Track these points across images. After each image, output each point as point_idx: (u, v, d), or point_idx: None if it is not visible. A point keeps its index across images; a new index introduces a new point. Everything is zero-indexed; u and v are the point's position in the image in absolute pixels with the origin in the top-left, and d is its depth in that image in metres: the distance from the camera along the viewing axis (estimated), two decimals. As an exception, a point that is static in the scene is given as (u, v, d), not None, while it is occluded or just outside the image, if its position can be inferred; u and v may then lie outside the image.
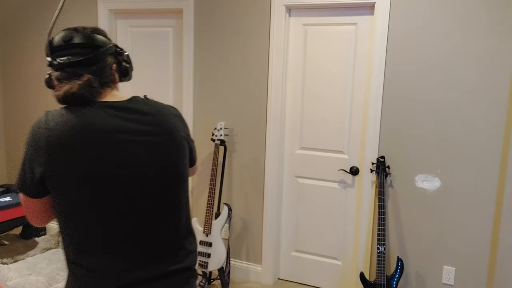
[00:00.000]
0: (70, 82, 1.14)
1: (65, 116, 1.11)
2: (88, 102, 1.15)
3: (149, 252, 1.17)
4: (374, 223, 2.95)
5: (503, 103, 2.56)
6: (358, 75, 2.94)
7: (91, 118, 1.11)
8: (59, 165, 1.08)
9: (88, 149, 1.09)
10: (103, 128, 1.11)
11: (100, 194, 1.10)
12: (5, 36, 4.01)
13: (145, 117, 1.18)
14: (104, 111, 1.14)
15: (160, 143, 1.18)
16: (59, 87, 1.16)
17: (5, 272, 3.01)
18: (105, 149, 1.10)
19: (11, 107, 4.09)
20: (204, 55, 3.28)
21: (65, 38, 1.16)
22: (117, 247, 1.13)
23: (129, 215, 1.13)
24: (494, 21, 2.53)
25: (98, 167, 1.09)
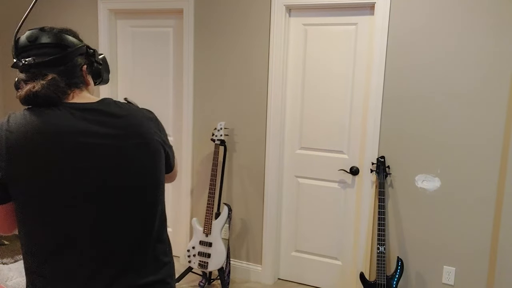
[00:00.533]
0: (33, 82, 1.08)
1: (28, 117, 1.05)
2: (53, 103, 1.08)
3: (117, 262, 1.09)
4: (374, 223, 2.95)
5: (503, 103, 2.56)
6: (358, 75, 2.94)
7: (55, 119, 1.05)
8: (19, 168, 1.02)
9: (49, 152, 1.03)
10: (66, 130, 1.05)
11: (61, 199, 1.04)
12: (5, 35, 4.01)
13: (114, 119, 1.10)
14: (70, 113, 1.07)
15: (130, 147, 1.10)
16: (21, 88, 1.10)
17: (5, 272, 3.01)
18: (68, 152, 1.04)
19: (13, 107, 4.09)
20: (204, 55, 3.28)
21: (30, 38, 1.11)
22: (81, 256, 1.06)
23: (93, 222, 1.06)
24: (494, 21, 2.53)
25: (60, 171, 1.03)
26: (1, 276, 2.96)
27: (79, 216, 1.06)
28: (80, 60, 1.17)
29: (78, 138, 1.05)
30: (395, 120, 2.81)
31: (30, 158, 1.02)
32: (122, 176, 1.09)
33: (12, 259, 3.25)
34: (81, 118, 1.07)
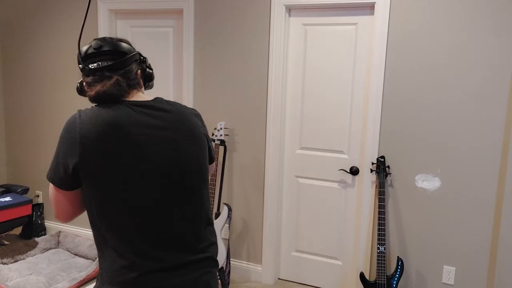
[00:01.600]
0: (101, 83, 1.28)
1: (97, 112, 1.22)
2: (117, 100, 1.28)
3: (176, 242, 1.25)
4: (374, 223, 2.95)
5: (503, 103, 2.56)
6: (358, 75, 2.95)
7: (120, 114, 1.23)
8: (92, 156, 1.18)
9: (118, 142, 1.19)
10: (130, 122, 1.23)
11: (130, 184, 1.20)
12: (9, 35, 4.01)
13: (168, 114, 1.30)
14: (131, 108, 1.26)
15: (182, 138, 1.30)
16: (89, 89, 1.30)
17: (5, 272, 3.01)
18: (133, 142, 1.21)
19: (13, 107, 4.09)
20: (204, 55, 3.28)
21: (95, 46, 1.30)
22: (146, 236, 1.21)
23: (155, 206, 1.22)
24: (494, 21, 2.53)
25: (128, 158, 1.20)
26: (1, 276, 2.96)
27: (145, 199, 1.22)
28: (135, 66, 1.36)
29: (139, 129, 1.23)
30: (395, 120, 2.81)
31: (101, 146, 1.18)
32: (179, 164, 1.27)
33: (12, 259, 3.25)
34: (140, 113, 1.26)
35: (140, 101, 1.31)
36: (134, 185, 1.20)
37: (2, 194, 3.71)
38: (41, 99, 3.94)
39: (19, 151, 4.13)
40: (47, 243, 3.54)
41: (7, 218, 3.50)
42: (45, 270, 3.13)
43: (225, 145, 3.18)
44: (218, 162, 3.19)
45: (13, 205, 3.53)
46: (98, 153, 1.18)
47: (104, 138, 1.19)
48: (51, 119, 3.91)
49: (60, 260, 3.33)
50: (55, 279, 3.00)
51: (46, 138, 3.97)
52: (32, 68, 3.94)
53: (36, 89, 3.94)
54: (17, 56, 3.99)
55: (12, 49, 4.00)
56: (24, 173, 4.12)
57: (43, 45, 3.85)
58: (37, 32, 3.86)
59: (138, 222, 1.21)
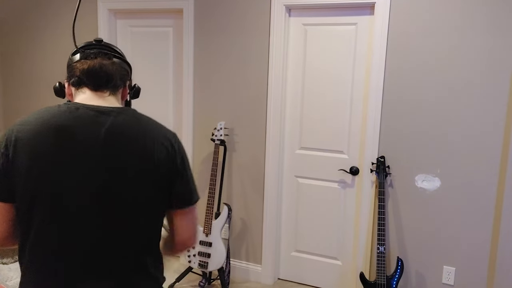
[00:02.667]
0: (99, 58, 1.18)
1: (38, 113, 1.14)
2: (108, 83, 1.18)
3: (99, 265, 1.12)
4: (374, 223, 2.95)
5: (503, 103, 2.56)
6: (358, 75, 2.94)
7: (65, 117, 1.11)
8: (21, 160, 1.07)
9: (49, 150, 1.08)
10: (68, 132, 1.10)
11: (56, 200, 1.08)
12: (6, 35, 4.01)
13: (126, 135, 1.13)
14: (85, 113, 1.13)
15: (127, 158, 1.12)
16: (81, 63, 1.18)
17: (5, 272, 3.01)
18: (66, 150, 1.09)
19: (12, 108, 4.09)
20: (204, 55, 3.28)
21: (95, 39, 1.24)
22: (68, 254, 1.10)
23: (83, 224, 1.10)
24: (494, 21, 2.53)
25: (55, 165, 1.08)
26: (1, 276, 2.96)
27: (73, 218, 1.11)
28: (126, 75, 1.26)
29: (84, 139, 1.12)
30: (395, 120, 2.81)
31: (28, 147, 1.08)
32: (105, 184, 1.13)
33: (12, 259, 3.25)
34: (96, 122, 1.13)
35: (103, 107, 1.15)
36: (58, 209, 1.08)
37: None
38: (40, 99, 3.93)
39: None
40: (47, 243, 3.54)
41: (7, 218, 3.49)
42: (45, 270, 3.13)
43: (225, 145, 3.17)
44: (218, 162, 3.19)
45: (13, 205, 3.53)
46: (27, 158, 1.07)
47: (36, 142, 1.08)
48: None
49: (60, 260, 3.33)
50: (55, 279, 3.00)
51: (46, 138, 3.96)
52: (31, 69, 3.93)
53: (35, 89, 3.94)
54: (15, 57, 3.99)
55: (10, 50, 4.00)
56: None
57: (42, 46, 3.85)
58: (35, 33, 3.86)
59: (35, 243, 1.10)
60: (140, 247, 1.17)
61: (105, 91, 1.19)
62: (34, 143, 1.08)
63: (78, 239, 1.10)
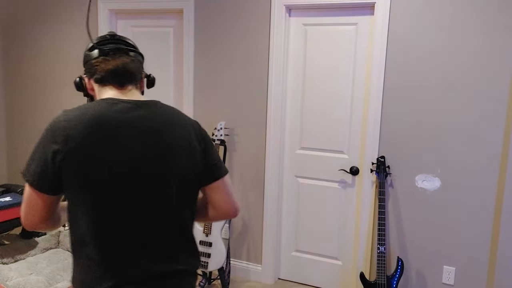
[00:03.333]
0: (121, 57, 1.25)
1: (82, 108, 1.16)
2: (132, 80, 1.26)
3: (154, 249, 1.18)
4: (374, 223, 2.95)
5: (503, 103, 2.56)
6: (358, 75, 2.95)
7: (108, 112, 1.15)
8: (77, 154, 1.10)
9: (103, 142, 1.12)
10: (118, 123, 1.15)
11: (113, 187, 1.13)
12: (10, 35, 4.01)
13: (157, 119, 1.21)
14: (121, 106, 1.18)
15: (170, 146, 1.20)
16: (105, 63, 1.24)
17: (5, 272, 3.01)
18: (118, 144, 1.13)
19: (13, 107, 4.09)
20: (205, 55, 3.28)
21: (109, 33, 1.28)
22: (123, 241, 1.14)
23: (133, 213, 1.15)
24: (494, 21, 2.53)
25: (111, 161, 1.12)
26: (1, 276, 2.96)
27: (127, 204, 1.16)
28: (142, 66, 1.33)
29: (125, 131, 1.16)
30: (395, 120, 2.81)
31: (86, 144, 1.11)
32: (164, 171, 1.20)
33: (12, 259, 3.25)
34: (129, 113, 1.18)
35: (135, 100, 1.22)
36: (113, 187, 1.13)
37: (2, 194, 3.71)
38: (41, 99, 3.94)
39: (19, 151, 4.12)
40: (47, 243, 3.54)
41: (7, 218, 3.50)
42: (45, 269, 3.13)
43: (225, 145, 3.18)
44: (218, 162, 3.19)
45: (13, 205, 3.53)
46: (83, 152, 1.10)
47: (89, 136, 1.11)
48: (51, 119, 3.91)
49: (60, 260, 3.33)
50: (55, 279, 3.00)
51: (46, 138, 3.96)
52: (33, 68, 3.94)
53: (37, 89, 3.94)
54: (18, 57, 3.99)
55: (13, 49, 4.00)
56: (24, 173, 4.12)
57: (44, 45, 3.85)
58: (38, 32, 3.86)
59: (116, 228, 1.14)
60: (191, 229, 1.28)
61: (129, 87, 1.27)
62: (88, 138, 1.11)
63: (144, 228, 1.16)
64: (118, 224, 1.13)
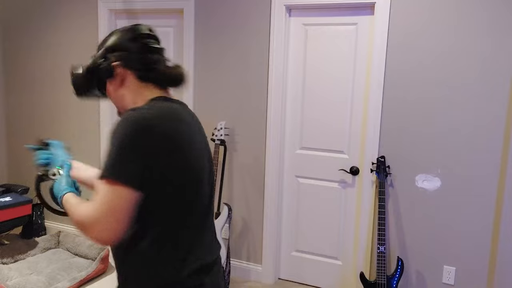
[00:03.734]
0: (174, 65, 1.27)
1: (164, 109, 1.15)
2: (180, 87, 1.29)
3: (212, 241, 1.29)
4: (374, 223, 2.95)
5: (503, 103, 2.56)
6: (358, 75, 2.95)
7: (182, 111, 1.20)
8: (169, 153, 1.10)
9: (189, 140, 1.16)
10: (191, 122, 1.22)
11: (200, 186, 1.19)
12: (9, 35, 4.01)
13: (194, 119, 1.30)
14: (183, 106, 1.25)
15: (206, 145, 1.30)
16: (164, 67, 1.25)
17: (5, 272, 3.01)
18: (198, 143, 1.20)
19: (14, 107, 4.09)
20: (205, 54, 3.28)
21: (150, 28, 1.32)
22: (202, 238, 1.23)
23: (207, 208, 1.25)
24: (494, 21, 2.53)
25: (195, 158, 1.18)
26: (1, 275, 2.96)
27: (204, 201, 1.23)
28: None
29: (195, 130, 1.22)
30: (395, 120, 2.82)
31: (178, 143, 1.13)
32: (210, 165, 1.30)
33: (12, 259, 3.25)
34: (187, 113, 1.24)
35: (180, 101, 1.28)
36: (200, 185, 1.20)
37: (2, 194, 3.71)
38: (41, 99, 3.94)
39: (19, 151, 4.12)
40: (47, 243, 3.54)
41: (7, 218, 3.50)
42: (45, 269, 3.13)
43: (225, 145, 3.18)
44: (218, 162, 3.19)
45: (13, 205, 3.53)
46: (176, 150, 1.11)
47: (180, 135, 1.13)
48: (52, 119, 3.91)
49: (60, 260, 3.33)
50: (55, 279, 3.00)
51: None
52: (33, 68, 3.94)
53: (37, 89, 3.95)
54: (17, 56, 3.99)
55: (13, 49, 4.00)
56: (24, 173, 4.12)
57: (43, 45, 3.85)
58: (37, 32, 3.86)
59: (198, 224, 1.21)
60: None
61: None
62: (182, 136, 1.14)
63: (210, 220, 1.29)
64: (203, 215, 1.23)
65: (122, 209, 1.04)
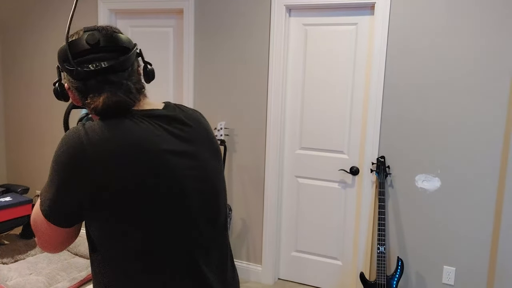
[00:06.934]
0: (105, 91, 1.00)
1: (110, 130, 0.98)
2: (128, 112, 1.03)
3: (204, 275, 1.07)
4: (374, 223, 2.95)
5: (503, 103, 2.56)
6: (358, 75, 2.95)
7: (139, 131, 1.00)
8: (111, 187, 0.95)
9: (143, 166, 0.98)
10: (153, 142, 1.00)
11: (158, 209, 1.00)
12: (6, 34, 4.02)
13: (185, 126, 1.08)
14: (148, 122, 1.03)
15: (204, 154, 1.10)
16: (90, 98, 1.02)
17: (5, 272, 3.01)
18: (159, 165, 1.00)
19: (12, 107, 4.09)
20: (205, 55, 3.28)
21: (90, 40, 1.00)
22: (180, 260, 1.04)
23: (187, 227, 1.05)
24: (494, 21, 2.53)
25: (153, 183, 0.99)
26: (1, 276, 2.96)
27: (177, 222, 1.03)
28: (136, 62, 1.10)
29: (166, 148, 1.02)
30: (395, 120, 2.81)
31: (121, 173, 0.95)
32: (206, 181, 1.08)
33: (12, 259, 3.25)
34: (159, 128, 1.03)
35: (153, 111, 1.06)
36: (168, 220, 1.01)
37: (2, 194, 3.71)
38: (40, 99, 3.94)
39: (19, 151, 4.13)
40: (47, 243, 3.53)
41: (7, 218, 3.50)
42: (45, 269, 3.13)
43: (225, 145, 3.18)
44: (218, 162, 3.19)
45: (13, 205, 3.53)
46: (117, 181, 0.95)
47: (123, 163, 0.96)
48: (51, 119, 3.91)
49: (60, 260, 3.33)
50: (55, 279, 3.00)
51: (46, 138, 3.97)
52: (32, 68, 3.94)
53: (36, 89, 3.95)
54: (16, 57, 3.99)
55: (11, 49, 4.00)
56: (24, 173, 4.12)
57: (42, 45, 3.85)
58: (36, 32, 3.86)
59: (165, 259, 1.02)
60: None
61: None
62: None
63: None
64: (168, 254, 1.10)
65: (57, 238, 1.04)
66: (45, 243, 1.04)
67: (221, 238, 1.15)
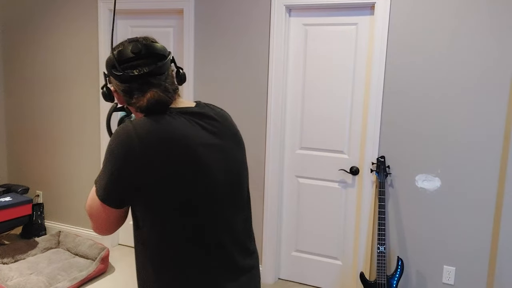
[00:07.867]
0: (148, 91, 1.19)
1: (154, 125, 1.14)
2: (167, 109, 1.21)
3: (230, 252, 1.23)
4: (374, 223, 2.95)
5: (503, 103, 2.57)
6: (358, 75, 2.95)
7: (179, 126, 1.16)
8: (156, 173, 1.11)
9: (181, 156, 1.13)
10: (189, 135, 1.16)
11: (197, 197, 1.16)
12: (9, 33, 4.02)
13: (216, 123, 1.25)
14: (185, 119, 1.19)
15: (233, 146, 1.26)
16: (135, 98, 1.20)
17: (5, 272, 3.02)
18: (194, 155, 1.15)
19: (14, 107, 4.09)
20: (205, 55, 3.28)
21: (134, 50, 1.20)
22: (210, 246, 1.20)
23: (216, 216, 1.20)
24: (494, 21, 2.54)
25: (190, 170, 1.14)
26: (1, 276, 2.96)
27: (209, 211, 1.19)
28: (170, 67, 1.28)
29: (197, 142, 1.17)
30: (395, 120, 2.82)
31: (165, 162, 1.11)
32: (232, 173, 1.24)
33: (12, 258, 3.26)
34: (193, 123, 1.20)
35: (187, 108, 1.23)
36: (200, 203, 1.16)
37: (2, 194, 3.71)
38: (41, 99, 3.94)
39: (19, 151, 4.13)
40: (47, 243, 3.54)
41: (7, 218, 3.50)
42: (45, 269, 3.13)
43: (225, 145, 3.17)
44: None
45: (13, 205, 3.54)
46: (162, 170, 1.11)
47: (167, 153, 1.11)
48: (52, 119, 3.91)
49: (60, 260, 3.33)
50: (55, 279, 3.00)
51: (46, 138, 3.97)
52: (33, 68, 3.94)
53: (37, 89, 3.95)
54: (18, 57, 3.99)
55: (12, 49, 4.00)
56: (24, 173, 4.12)
57: (43, 45, 3.85)
58: (37, 32, 3.86)
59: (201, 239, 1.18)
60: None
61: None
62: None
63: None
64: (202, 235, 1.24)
65: (108, 218, 1.19)
66: (101, 226, 1.20)
67: (243, 222, 1.30)
